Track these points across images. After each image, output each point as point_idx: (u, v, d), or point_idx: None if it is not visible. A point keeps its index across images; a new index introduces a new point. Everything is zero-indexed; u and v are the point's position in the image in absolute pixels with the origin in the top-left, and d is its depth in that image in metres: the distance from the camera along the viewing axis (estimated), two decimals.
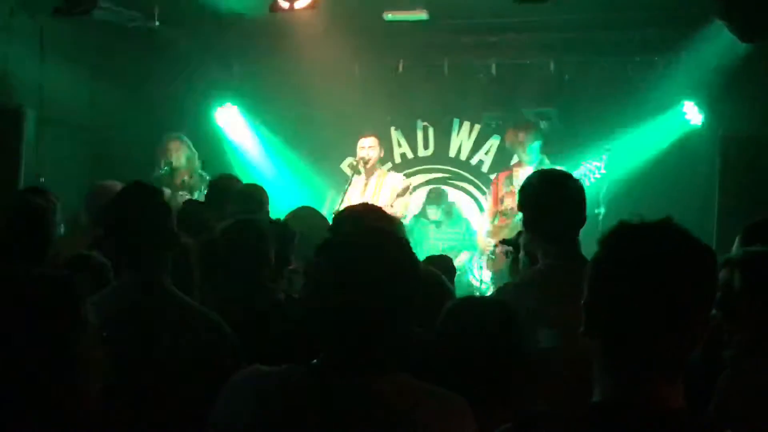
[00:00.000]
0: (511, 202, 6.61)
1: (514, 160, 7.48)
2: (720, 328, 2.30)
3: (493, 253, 6.64)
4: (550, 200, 2.94)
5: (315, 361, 1.82)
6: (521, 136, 6.80)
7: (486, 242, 6.83)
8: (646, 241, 1.54)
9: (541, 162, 6.77)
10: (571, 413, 1.56)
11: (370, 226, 2.04)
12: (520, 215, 5.43)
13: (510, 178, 6.82)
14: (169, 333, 2.58)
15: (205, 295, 3.22)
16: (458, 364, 2.35)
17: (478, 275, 7.21)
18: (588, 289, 1.58)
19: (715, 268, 1.56)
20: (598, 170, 6.78)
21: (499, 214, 6.78)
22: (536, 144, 6.81)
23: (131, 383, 2.50)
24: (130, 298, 2.63)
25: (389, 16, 7.68)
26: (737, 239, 3.11)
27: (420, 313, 2.65)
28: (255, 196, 5.06)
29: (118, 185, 4.77)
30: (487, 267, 6.87)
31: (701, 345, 1.54)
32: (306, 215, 4.70)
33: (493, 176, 7.64)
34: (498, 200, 6.83)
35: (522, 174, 6.65)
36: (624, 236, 1.57)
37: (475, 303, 2.69)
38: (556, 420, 1.55)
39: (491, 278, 6.77)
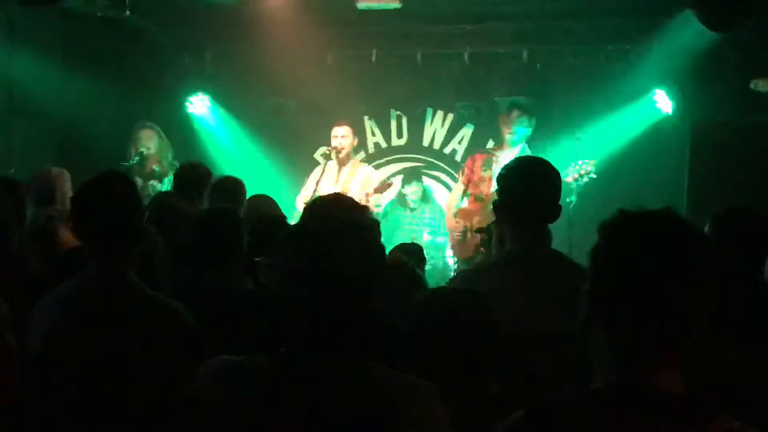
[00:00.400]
0: (487, 187, 6.56)
1: (490, 144, 7.50)
2: None
3: (464, 236, 6.61)
4: (524, 186, 2.94)
5: (283, 349, 1.82)
6: (514, 113, 6.72)
7: (454, 223, 6.74)
8: (647, 229, 1.56)
9: (522, 149, 6.74)
10: (576, 401, 1.58)
11: (335, 215, 2.03)
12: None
13: (489, 161, 6.69)
14: (132, 325, 2.54)
15: (173, 284, 3.19)
16: (433, 353, 2.37)
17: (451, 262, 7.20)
18: (588, 277, 1.61)
19: (714, 255, 1.58)
20: (588, 175, 6.72)
21: (471, 195, 6.70)
22: (523, 127, 6.71)
23: (91, 375, 2.49)
24: (94, 289, 2.59)
25: (362, 4, 7.67)
26: (707, 227, 3.13)
27: (391, 301, 2.68)
28: (230, 190, 5.06)
29: (56, 170, 4.89)
30: (454, 252, 6.77)
31: (701, 330, 1.56)
32: (259, 203, 4.72)
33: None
34: (472, 181, 6.74)
35: (502, 157, 6.56)
36: (625, 224, 1.59)
37: (447, 293, 2.69)
38: (564, 407, 1.58)
39: (455, 263, 6.69)
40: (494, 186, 6.29)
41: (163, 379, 2.43)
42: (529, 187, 2.94)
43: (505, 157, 6.50)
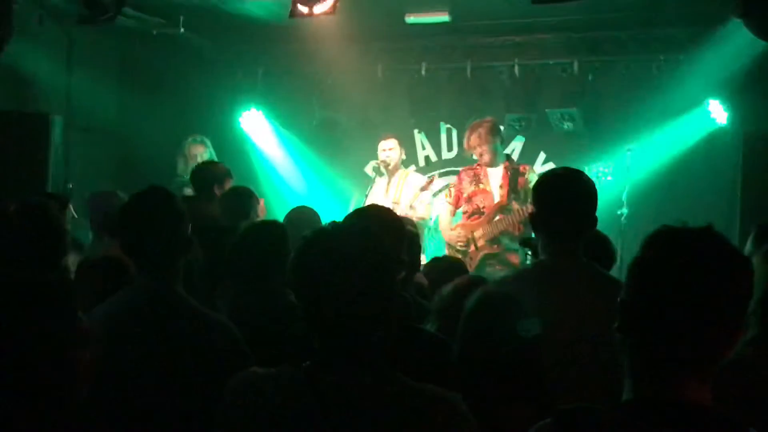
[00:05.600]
0: (482, 200, 6.54)
1: (541, 157, 7.46)
2: None
3: (467, 247, 6.53)
4: (558, 199, 2.93)
5: (307, 362, 1.85)
6: (484, 129, 6.67)
7: (454, 235, 6.64)
8: (688, 245, 1.59)
9: (508, 158, 6.75)
10: (607, 410, 1.60)
11: (348, 226, 2.02)
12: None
13: (477, 177, 6.65)
14: (178, 339, 2.58)
15: (217, 298, 3.23)
16: (484, 364, 2.37)
17: None
18: (627, 288, 1.64)
19: (751, 274, 1.61)
20: (604, 176, 6.76)
21: (465, 213, 6.62)
22: (499, 143, 6.69)
23: (139, 389, 2.52)
24: (141, 304, 2.63)
25: (411, 18, 7.71)
26: (750, 238, 3.09)
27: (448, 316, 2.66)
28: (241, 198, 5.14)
29: (115, 194, 4.98)
30: None
31: (736, 346, 1.60)
32: (301, 214, 4.77)
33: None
34: (461, 199, 6.66)
35: (492, 173, 6.59)
36: (667, 239, 1.62)
37: (496, 302, 2.64)
38: (593, 416, 1.59)
39: None
40: (497, 197, 6.35)
41: (212, 392, 2.46)
42: (564, 199, 2.93)
43: (494, 171, 6.58)
